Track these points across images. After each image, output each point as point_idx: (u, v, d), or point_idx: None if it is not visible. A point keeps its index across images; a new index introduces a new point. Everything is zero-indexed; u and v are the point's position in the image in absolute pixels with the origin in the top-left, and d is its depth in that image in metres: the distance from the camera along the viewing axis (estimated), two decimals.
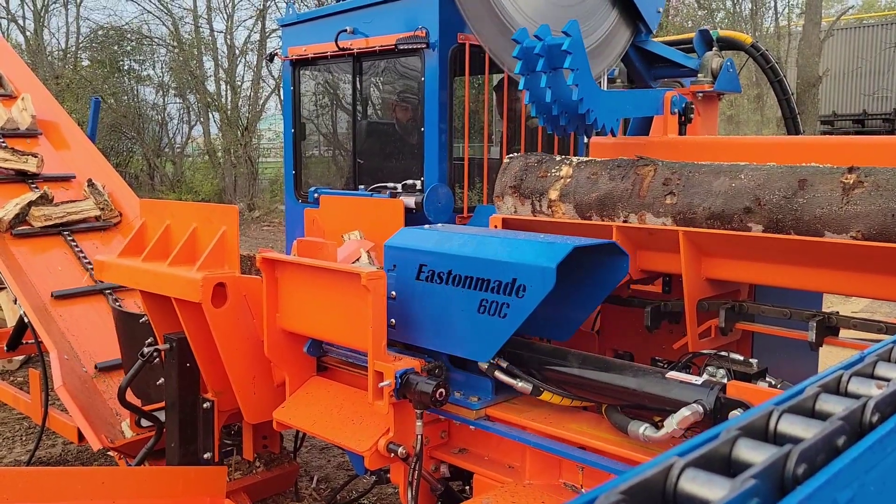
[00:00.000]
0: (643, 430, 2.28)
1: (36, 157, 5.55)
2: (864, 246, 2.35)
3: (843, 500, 0.61)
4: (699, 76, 4.37)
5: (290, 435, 4.22)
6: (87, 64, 23.98)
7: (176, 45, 23.44)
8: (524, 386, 2.57)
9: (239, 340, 3.06)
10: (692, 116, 3.93)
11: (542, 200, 3.19)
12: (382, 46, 4.41)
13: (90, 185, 5.55)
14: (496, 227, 3.26)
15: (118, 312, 4.09)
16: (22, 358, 6.79)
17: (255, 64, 23.17)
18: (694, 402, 2.18)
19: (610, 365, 2.56)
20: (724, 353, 2.56)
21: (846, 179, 2.44)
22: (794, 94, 5.33)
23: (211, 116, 23.79)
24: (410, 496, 2.64)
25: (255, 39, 23.16)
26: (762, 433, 0.75)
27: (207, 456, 3.32)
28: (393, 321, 2.71)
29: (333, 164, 5.70)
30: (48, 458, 5.26)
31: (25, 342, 5.78)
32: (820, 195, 2.46)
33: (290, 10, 5.25)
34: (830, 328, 2.63)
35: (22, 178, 5.52)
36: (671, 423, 2.17)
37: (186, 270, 3.02)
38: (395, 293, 2.72)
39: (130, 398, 3.50)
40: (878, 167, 2.47)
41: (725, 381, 2.27)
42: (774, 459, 0.63)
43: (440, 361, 2.69)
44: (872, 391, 0.84)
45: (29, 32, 23.11)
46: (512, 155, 3.48)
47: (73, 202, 5.43)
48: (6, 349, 5.81)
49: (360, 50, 4.58)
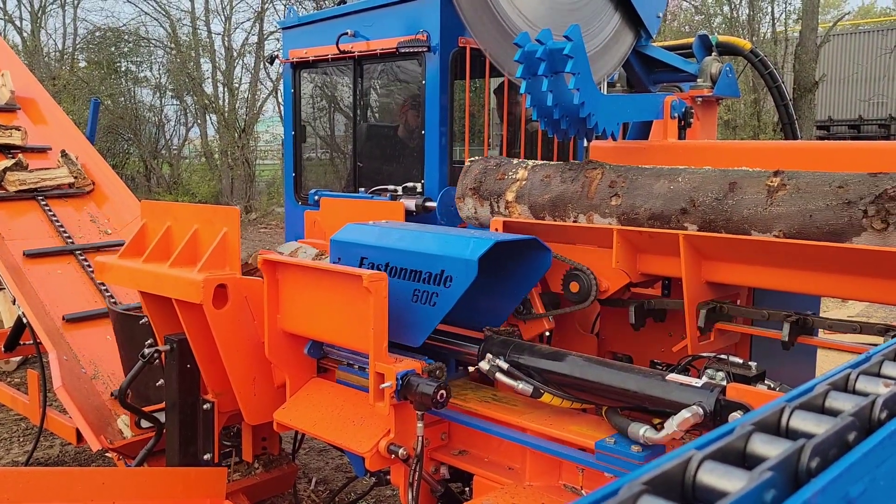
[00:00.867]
0: (643, 431, 2.29)
1: (20, 130, 5.85)
2: (861, 250, 2.37)
3: (855, 493, 0.63)
4: (698, 81, 4.39)
5: (288, 437, 4.22)
6: (84, 65, 23.98)
7: (173, 46, 23.44)
8: (525, 388, 2.59)
9: (240, 342, 3.07)
10: (692, 121, 3.95)
11: (499, 202, 3.35)
12: (383, 49, 4.42)
13: (64, 155, 5.84)
14: (497, 229, 3.27)
15: (117, 314, 4.10)
16: (19, 359, 6.77)
17: (252, 66, 23.20)
18: (694, 403, 2.19)
19: (610, 367, 2.57)
20: (723, 355, 2.58)
21: (771, 182, 2.60)
22: (791, 99, 5.36)
23: (208, 118, 23.80)
24: (411, 497, 2.65)
25: (252, 41, 23.21)
26: (775, 428, 0.77)
27: (207, 457, 3.32)
28: None
29: (334, 166, 5.71)
30: (46, 458, 5.25)
31: (23, 343, 5.78)
32: (747, 197, 2.63)
33: (290, 12, 5.27)
34: (805, 328, 2.67)
35: (4, 150, 5.82)
36: (671, 424, 2.18)
37: (188, 272, 3.03)
38: None
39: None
40: (801, 171, 2.61)
41: (725, 383, 2.28)
42: (789, 453, 0.65)
43: (441, 363, 2.70)
44: (880, 389, 0.86)
45: (26, 33, 23.11)
46: (473, 158, 3.60)
47: (47, 169, 5.73)
48: (4, 350, 5.80)
49: (360, 53, 4.59)
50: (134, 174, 22.16)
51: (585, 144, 4.54)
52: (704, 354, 2.72)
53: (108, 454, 4.11)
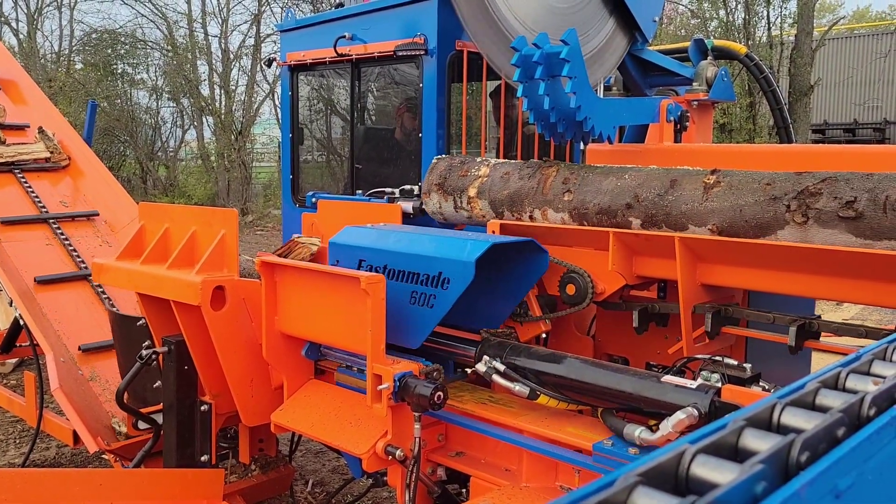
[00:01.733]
0: (639, 432, 2.31)
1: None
2: (855, 252, 2.39)
3: (843, 485, 0.65)
4: (694, 85, 4.41)
5: (285, 439, 4.23)
6: (80, 67, 23.95)
7: (170, 49, 23.43)
8: (521, 389, 2.60)
9: (237, 343, 3.08)
10: (687, 124, 3.98)
11: (462, 197, 3.45)
12: (381, 53, 4.44)
13: (41, 131, 6.06)
14: (494, 231, 3.29)
15: (115, 315, 4.10)
16: (15, 361, 6.77)
17: (249, 68, 23.21)
18: (689, 405, 2.21)
19: (606, 369, 2.59)
20: (718, 357, 2.60)
21: (707, 180, 2.75)
22: (786, 104, 5.39)
23: (205, 120, 23.79)
24: (408, 499, 2.66)
25: (249, 44, 23.20)
26: (766, 424, 0.79)
27: (205, 458, 3.33)
28: None
29: (331, 169, 5.73)
30: (42, 460, 5.25)
31: (19, 345, 5.78)
32: (686, 193, 2.77)
33: (288, 15, 5.28)
34: (811, 332, 2.70)
35: None
36: (666, 426, 2.20)
37: (186, 273, 3.04)
38: None
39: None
40: (736, 170, 2.74)
41: (720, 385, 2.30)
42: (780, 447, 0.67)
43: (438, 365, 2.72)
44: (869, 387, 0.88)
45: (22, 35, 23.08)
46: (439, 156, 3.69)
47: (24, 144, 5.96)
48: (0, 352, 5.80)
49: (358, 56, 4.61)
50: (130, 176, 22.11)
51: (582, 147, 4.56)
52: (700, 356, 2.74)
53: (105, 456, 4.11)
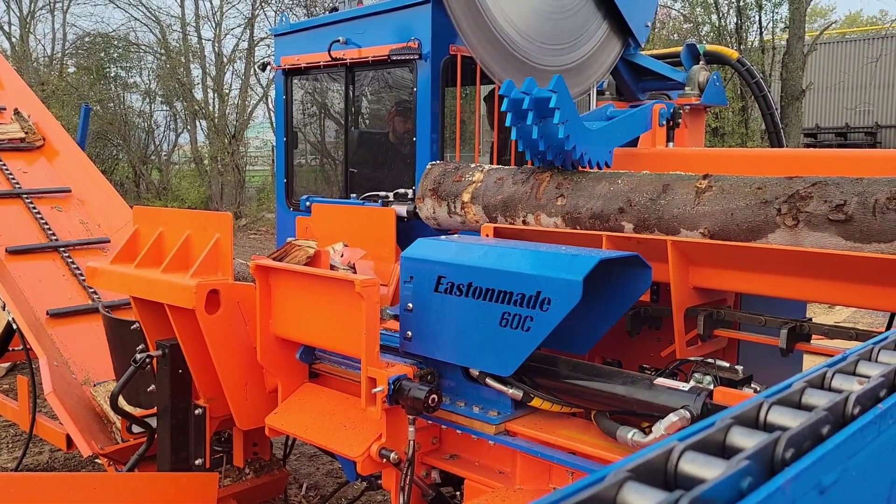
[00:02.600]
0: (631, 435, 2.32)
1: None
2: (845, 256, 2.42)
3: (827, 482, 0.67)
4: (686, 89, 4.44)
5: (279, 442, 4.23)
6: (73, 70, 23.90)
7: (163, 52, 23.41)
8: (515, 392, 2.61)
9: (232, 347, 3.08)
10: (679, 121, 3.99)
11: (455, 202, 3.48)
12: (375, 57, 4.45)
13: (16, 113, 6.31)
14: (487, 235, 3.30)
15: (109, 319, 4.10)
16: (7, 365, 6.75)
17: (242, 72, 23.19)
18: (681, 407, 2.23)
19: (599, 372, 2.60)
20: (710, 360, 2.62)
21: (699, 185, 2.77)
22: (778, 108, 5.43)
23: (198, 124, 23.77)
24: (402, 501, 2.66)
25: (243, 48, 23.19)
26: (753, 422, 0.80)
27: (199, 462, 3.32)
28: (409, 333, 2.70)
29: (325, 172, 5.74)
30: (35, 465, 5.23)
31: (12, 349, 5.76)
32: (678, 197, 2.81)
33: (283, 19, 5.29)
34: (802, 335, 2.72)
35: None
36: (659, 428, 2.22)
37: (180, 277, 3.04)
38: (411, 305, 2.69)
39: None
40: (727, 175, 2.76)
41: (712, 387, 2.32)
42: (765, 444, 0.68)
43: (432, 368, 2.72)
44: (854, 387, 0.89)
45: (14, 38, 23.02)
46: (433, 162, 3.71)
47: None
48: None
49: (352, 60, 4.62)
50: (123, 180, 22.05)
51: None
52: (692, 359, 2.76)
53: (98, 460, 4.10)
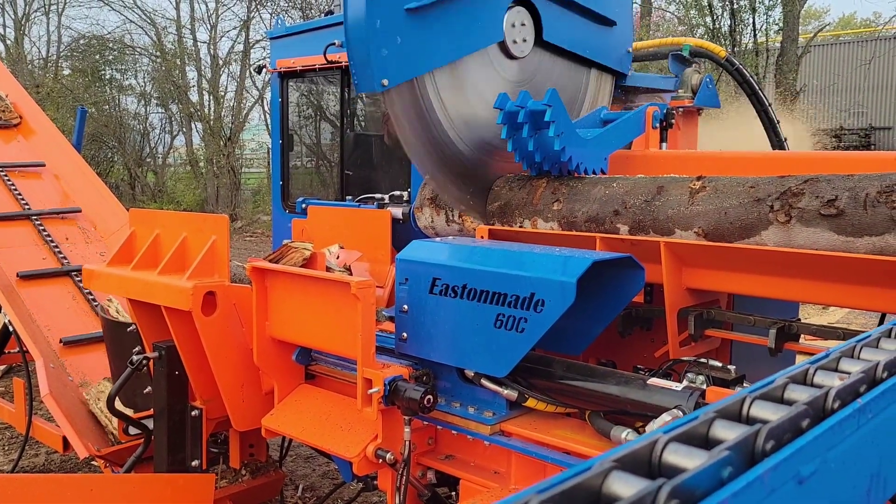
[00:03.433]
0: (625, 435, 2.34)
1: None
2: (837, 256, 2.44)
3: (806, 472, 0.69)
4: (679, 92, 4.48)
5: (275, 444, 4.24)
6: (68, 73, 23.88)
7: (159, 54, 23.41)
8: (509, 393, 2.63)
9: (228, 349, 3.10)
10: (673, 121, 4.00)
11: (453, 211, 3.48)
12: None
13: None
14: (482, 237, 3.32)
15: (106, 321, 4.11)
16: (3, 368, 6.75)
17: (238, 74, 23.20)
18: (674, 407, 2.25)
19: (593, 372, 2.62)
20: (703, 360, 2.64)
21: (693, 185, 2.82)
22: (770, 104, 5.38)
23: (193, 126, 23.76)
24: (398, 502, 2.68)
25: (238, 50, 23.21)
26: (736, 416, 0.83)
27: (195, 464, 3.34)
28: (405, 335, 2.71)
29: (321, 174, 5.75)
30: (31, 467, 5.24)
31: (8, 352, 5.76)
32: (672, 198, 2.85)
33: (278, 22, 5.31)
34: (791, 335, 2.74)
35: None
36: (652, 427, 2.24)
37: (176, 279, 3.05)
38: (406, 307, 2.70)
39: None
40: (721, 176, 2.80)
41: (705, 386, 2.34)
42: (746, 435, 0.71)
43: (428, 369, 2.74)
44: (835, 383, 0.92)
45: (9, 41, 23.00)
46: None
47: None
48: None
49: (348, 63, 4.63)
50: (118, 182, 22.03)
51: None
52: (685, 359, 2.79)
53: (94, 462, 4.11)
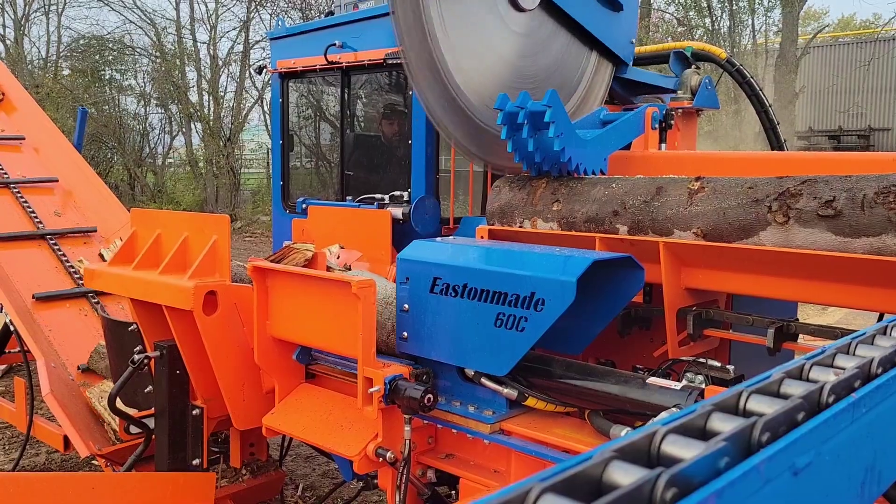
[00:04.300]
0: (624, 433, 2.35)
1: None
2: (834, 256, 2.46)
3: (801, 463, 0.70)
4: (678, 93, 4.49)
5: (275, 443, 4.25)
6: (67, 73, 23.88)
7: (158, 55, 23.41)
8: (510, 392, 2.64)
9: (229, 348, 3.11)
10: (672, 122, 4.02)
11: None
12: (371, 60, 4.48)
13: None
14: (483, 237, 3.34)
15: (107, 321, 4.12)
16: (3, 367, 6.76)
17: (238, 75, 23.22)
18: (673, 406, 2.26)
19: (593, 371, 2.64)
20: (702, 359, 2.66)
21: (692, 186, 2.84)
22: (771, 105, 5.39)
23: (193, 127, 23.77)
24: (398, 500, 2.70)
25: (238, 50, 23.22)
26: (733, 409, 0.85)
27: (196, 463, 3.35)
28: (405, 334, 2.73)
29: (321, 175, 5.77)
30: (32, 466, 5.24)
31: (9, 351, 5.77)
32: (671, 199, 2.86)
33: (279, 23, 5.32)
34: (789, 334, 2.76)
35: None
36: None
37: (178, 279, 3.07)
38: (407, 306, 2.72)
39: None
40: (719, 177, 2.81)
41: (703, 386, 2.35)
42: (743, 427, 0.72)
43: (428, 368, 2.75)
44: (830, 378, 0.93)
45: (9, 41, 23.00)
46: None
47: None
48: None
49: (348, 64, 4.66)
50: (118, 182, 22.03)
51: None
52: (684, 358, 2.80)
53: (95, 461, 4.12)
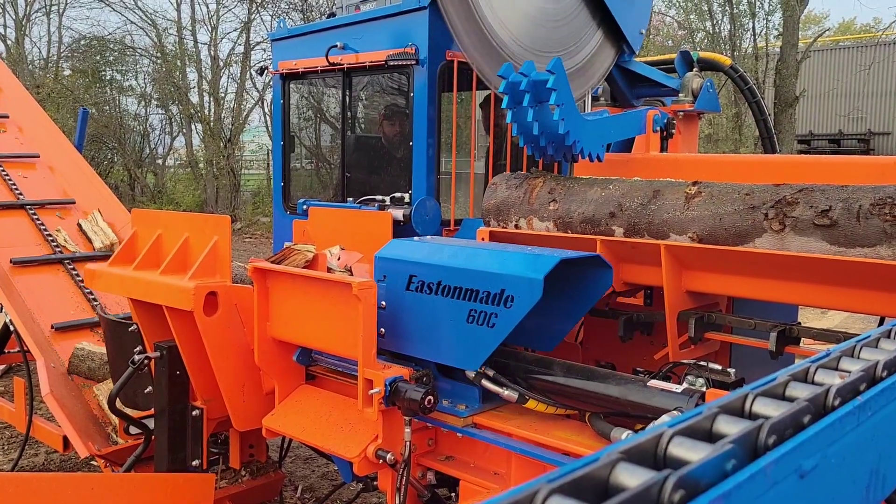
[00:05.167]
0: (625, 436, 2.36)
1: None
2: (832, 260, 2.46)
3: (807, 466, 0.70)
4: (680, 96, 4.49)
5: (275, 444, 4.25)
6: (68, 74, 23.87)
7: (159, 56, 23.41)
8: (510, 394, 2.64)
9: (229, 349, 3.11)
10: (673, 132, 4.04)
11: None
12: (372, 62, 4.48)
13: None
14: (483, 239, 3.34)
15: (106, 321, 4.12)
16: (3, 367, 6.76)
17: (238, 76, 23.20)
18: (674, 409, 2.26)
19: (594, 374, 2.64)
20: (703, 363, 2.65)
21: (689, 190, 2.84)
22: (771, 114, 5.49)
23: (193, 128, 23.76)
24: (398, 502, 2.69)
25: (239, 51, 23.21)
26: (739, 412, 0.85)
27: (196, 463, 3.35)
28: (382, 330, 2.76)
29: (322, 176, 5.76)
30: (31, 466, 5.24)
31: (8, 351, 5.77)
32: (668, 203, 2.87)
33: (280, 24, 5.32)
34: (791, 338, 2.76)
35: None
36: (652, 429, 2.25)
37: (178, 279, 3.07)
38: (384, 303, 2.77)
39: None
40: (716, 182, 2.82)
41: (704, 389, 2.35)
42: (749, 429, 0.72)
43: (428, 370, 2.75)
44: (836, 381, 0.93)
45: (10, 41, 23.00)
46: None
47: None
48: None
49: (349, 65, 4.65)
50: (118, 183, 22.01)
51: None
52: (685, 361, 2.80)
53: (94, 461, 4.12)
